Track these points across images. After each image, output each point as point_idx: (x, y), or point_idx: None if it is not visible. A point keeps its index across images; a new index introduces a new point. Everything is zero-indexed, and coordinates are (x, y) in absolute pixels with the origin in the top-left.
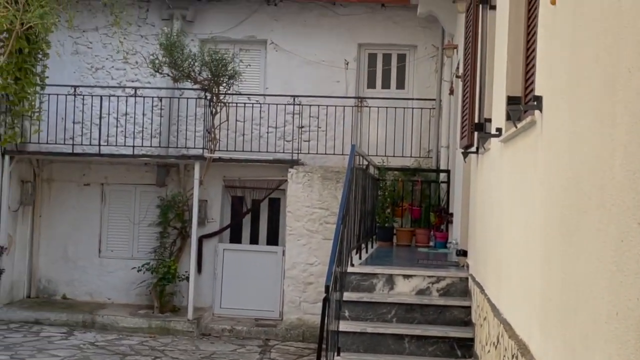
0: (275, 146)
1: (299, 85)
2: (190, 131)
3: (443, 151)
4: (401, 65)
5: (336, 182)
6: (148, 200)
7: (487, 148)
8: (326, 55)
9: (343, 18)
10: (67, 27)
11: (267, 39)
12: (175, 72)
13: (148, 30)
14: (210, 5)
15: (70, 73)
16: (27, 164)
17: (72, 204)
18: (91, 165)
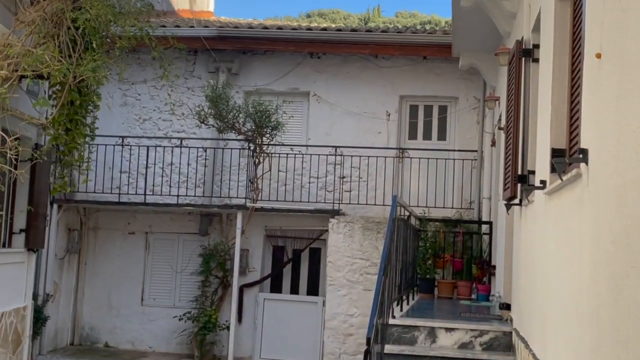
0: (316, 196)
1: (341, 136)
2: (233, 181)
3: (485, 203)
4: (443, 117)
5: (377, 233)
6: (191, 249)
7: (530, 200)
8: (368, 107)
9: (385, 70)
10: (117, 80)
11: (310, 90)
12: (220, 123)
13: (195, 83)
14: (255, 59)
15: (119, 124)
16: (75, 213)
17: (117, 252)
18: (136, 214)
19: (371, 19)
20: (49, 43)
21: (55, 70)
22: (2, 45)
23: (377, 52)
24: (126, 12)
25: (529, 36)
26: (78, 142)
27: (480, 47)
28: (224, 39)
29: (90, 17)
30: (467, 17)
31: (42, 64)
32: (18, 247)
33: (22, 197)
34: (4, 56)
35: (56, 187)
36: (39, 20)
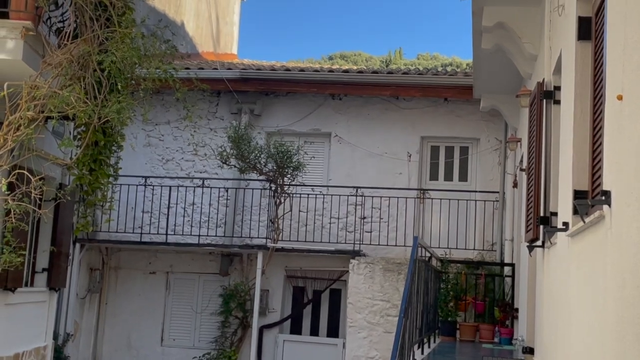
0: (337, 237)
1: (362, 177)
2: (254, 221)
3: (507, 244)
4: (464, 158)
5: (398, 274)
6: (211, 289)
7: (553, 242)
8: (389, 148)
9: (406, 111)
10: (141, 121)
11: (331, 131)
12: (242, 163)
13: (217, 124)
14: (277, 100)
15: (142, 164)
16: (97, 252)
17: (138, 292)
18: (157, 254)
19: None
20: (75, 85)
21: (80, 111)
22: (29, 87)
23: (399, 94)
24: (151, 54)
25: (550, 78)
26: (102, 182)
27: (502, 89)
28: (246, 80)
29: (115, 60)
30: (488, 59)
31: (68, 105)
32: (40, 287)
33: (46, 236)
34: (31, 98)
35: (79, 227)
36: (66, 63)
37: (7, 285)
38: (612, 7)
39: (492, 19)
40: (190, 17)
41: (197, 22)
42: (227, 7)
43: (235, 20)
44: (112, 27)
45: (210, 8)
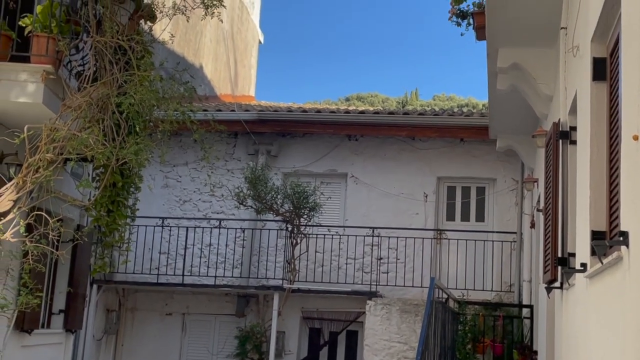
0: (353, 277)
1: (378, 217)
2: (270, 262)
3: (525, 285)
4: (480, 198)
5: (415, 315)
6: (227, 330)
7: (571, 283)
8: (405, 188)
9: (422, 152)
10: (159, 162)
11: (348, 172)
12: (259, 204)
13: (234, 165)
14: (294, 141)
15: (160, 205)
16: (114, 293)
17: (154, 334)
18: (174, 295)
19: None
20: (93, 127)
21: (99, 153)
22: (49, 129)
23: (415, 135)
24: (169, 96)
25: (565, 118)
26: (119, 223)
27: (517, 129)
28: (263, 122)
29: (134, 102)
30: (504, 100)
31: (87, 147)
32: (57, 328)
33: (63, 277)
34: (50, 140)
35: (96, 268)
36: (85, 106)
37: (24, 327)
38: (626, 48)
39: (507, 61)
40: (208, 60)
41: (215, 64)
42: (245, 50)
43: (253, 63)
44: (131, 71)
45: (228, 51)
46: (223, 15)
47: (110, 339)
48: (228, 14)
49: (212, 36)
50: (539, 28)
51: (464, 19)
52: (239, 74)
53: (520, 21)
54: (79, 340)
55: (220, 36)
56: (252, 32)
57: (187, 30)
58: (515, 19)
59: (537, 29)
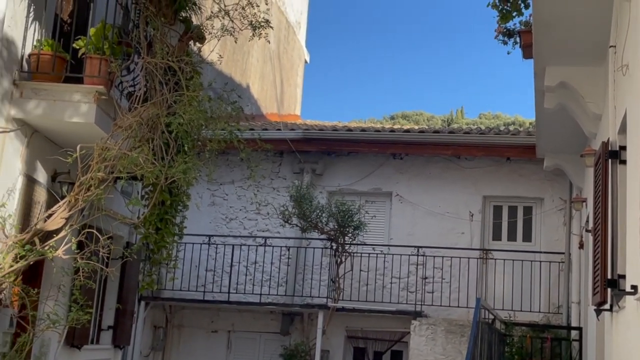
0: (398, 297)
1: (423, 236)
2: (315, 280)
3: (574, 307)
4: (527, 218)
5: (461, 336)
6: (272, 348)
7: (621, 306)
8: (450, 207)
9: (467, 171)
10: (206, 181)
11: (392, 190)
12: (304, 222)
13: (280, 183)
14: (339, 160)
15: (206, 223)
16: (161, 310)
17: (200, 351)
18: (220, 312)
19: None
20: (143, 146)
21: (148, 172)
22: (100, 148)
23: (460, 153)
24: (217, 116)
25: (615, 137)
26: (167, 240)
27: (565, 148)
28: (309, 141)
29: (183, 122)
30: (551, 119)
31: (137, 166)
32: (105, 344)
33: (112, 294)
34: (101, 159)
35: (144, 285)
36: (136, 125)
37: (74, 342)
38: None
39: (555, 79)
40: (255, 80)
41: (262, 84)
42: (291, 69)
43: (299, 82)
44: (180, 91)
45: (274, 71)
46: (270, 36)
47: (157, 355)
48: (275, 34)
49: (259, 56)
50: (587, 46)
51: (511, 37)
52: (285, 93)
53: (568, 39)
54: (127, 356)
55: (267, 56)
56: (298, 51)
57: (234, 51)
58: (563, 37)
59: (585, 47)
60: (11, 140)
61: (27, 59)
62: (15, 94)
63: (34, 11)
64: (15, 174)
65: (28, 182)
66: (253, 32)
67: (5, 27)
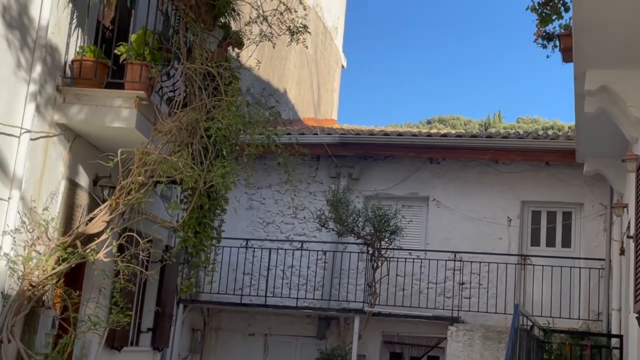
0: (435, 302)
1: (460, 242)
2: (351, 284)
3: (614, 314)
4: (567, 223)
5: (498, 342)
6: (308, 352)
7: None
8: (488, 212)
9: (505, 175)
10: (244, 185)
11: (429, 195)
12: (340, 227)
13: (316, 187)
14: (375, 164)
15: (244, 227)
16: (199, 313)
17: (237, 353)
18: (256, 316)
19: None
20: (183, 151)
21: (187, 176)
22: (141, 153)
23: (498, 158)
24: (255, 121)
25: None
26: (205, 244)
27: (606, 153)
28: (345, 145)
29: (221, 127)
30: (591, 123)
31: (176, 170)
32: (145, 346)
33: (151, 297)
34: (142, 163)
35: (183, 288)
36: (175, 130)
37: (114, 344)
38: None
39: (595, 83)
40: (292, 85)
41: (299, 89)
42: (328, 74)
43: (336, 87)
44: (219, 96)
45: (312, 76)
46: (307, 41)
47: (195, 358)
48: (312, 39)
49: (296, 61)
50: (629, 49)
51: (550, 40)
52: (322, 98)
53: (609, 43)
54: (165, 359)
55: (304, 61)
56: (335, 56)
57: (272, 56)
58: (604, 40)
59: (626, 50)
60: (54, 145)
61: (70, 65)
62: (58, 99)
63: (77, 18)
64: (58, 177)
65: (70, 186)
66: (291, 37)
67: (49, 34)
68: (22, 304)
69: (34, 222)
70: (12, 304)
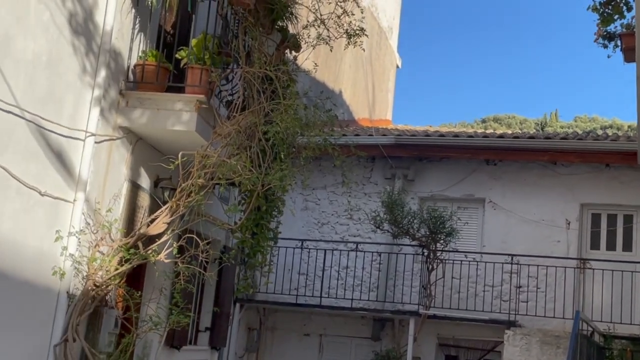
0: (491, 305)
1: (517, 244)
2: (406, 286)
3: None
4: (628, 227)
5: (556, 348)
6: (363, 353)
7: None
8: (546, 214)
9: (564, 177)
10: (299, 186)
11: (485, 197)
12: (395, 228)
13: (371, 189)
14: (431, 165)
15: (299, 227)
16: (255, 312)
17: (292, 353)
18: (312, 316)
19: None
20: (241, 154)
21: (246, 178)
22: (201, 156)
23: (556, 159)
24: (312, 124)
25: None
26: (262, 245)
27: None
28: (401, 146)
29: (280, 130)
30: None
31: (235, 173)
32: (202, 345)
33: (209, 297)
34: (202, 166)
35: (240, 288)
36: (234, 133)
37: (174, 343)
38: None
39: None
40: (347, 86)
41: (353, 90)
42: (383, 74)
43: (390, 87)
44: (277, 99)
45: (367, 77)
46: (363, 43)
47: (251, 357)
48: (367, 40)
49: (351, 62)
50: None
51: (611, 40)
52: (377, 99)
53: None
54: (223, 357)
55: (359, 62)
56: (390, 57)
57: (327, 57)
58: None
59: None
60: (117, 148)
61: (133, 70)
62: (121, 103)
63: (139, 23)
64: (121, 180)
65: (132, 188)
66: (348, 40)
67: (113, 39)
68: (86, 304)
69: (97, 223)
70: (77, 303)
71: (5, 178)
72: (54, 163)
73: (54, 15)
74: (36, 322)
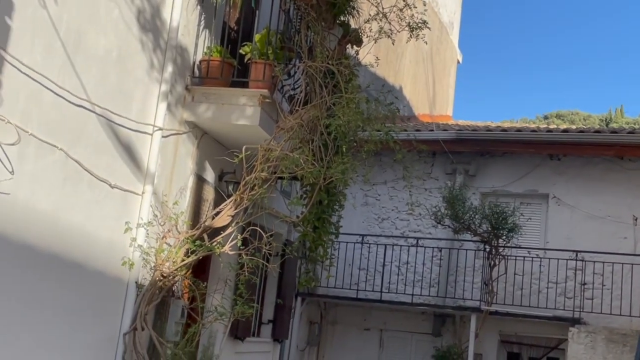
0: (555, 302)
1: (582, 241)
2: (467, 282)
3: None
4: None
5: (623, 346)
6: (424, 349)
7: None
8: (612, 210)
9: (631, 173)
10: (360, 181)
11: (549, 192)
12: (456, 224)
13: (432, 184)
14: (492, 160)
15: (359, 222)
16: (316, 306)
17: (352, 347)
18: (372, 311)
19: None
20: (304, 147)
21: (308, 172)
22: (264, 150)
23: (623, 154)
24: (373, 117)
25: None
26: (324, 239)
27: None
28: (462, 141)
29: (341, 123)
30: None
31: (297, 166)
32: (265, 337)
33: (271, 289)
34: (265, 160)
35: (302, 282)
36: (297, 127)
37: (238, 334)
38: None
39: None
40: (407, 81)
41: (414, 85)
42: (444, 70)
43: (451, 83)
44: (339, 93)
45: (427, 72)
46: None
47: (312, 350)
48: (428, 35)
49: (411, 57)
50: None
51: None
52: (437, 94)
53: None
54: (284, 350)
55: (419, 57)
56: (451, 52)
57: (388, 52)
58: None
59: None
60: (184, 142)
61: (198, 65)
62: (187, 98)
63: (205, 19)
64: (187, 173)
65: (198, 181)
66: (410, 33)
67: (179, 36)
68: (154, 294)
69: (165, 215)
70: (145, 293)
71: (77, 171)
72: (123, 156)
73: (122, 12)
74: (107, 311)
